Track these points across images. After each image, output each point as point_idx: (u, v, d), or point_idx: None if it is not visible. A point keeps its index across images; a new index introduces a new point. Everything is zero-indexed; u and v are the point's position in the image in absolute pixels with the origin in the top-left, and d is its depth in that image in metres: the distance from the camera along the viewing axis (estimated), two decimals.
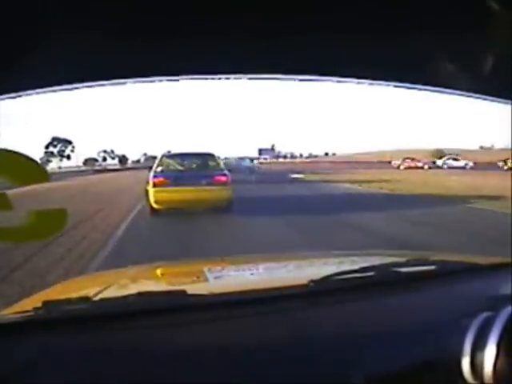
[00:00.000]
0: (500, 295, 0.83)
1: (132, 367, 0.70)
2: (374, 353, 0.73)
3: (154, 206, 7.26)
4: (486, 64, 0.62)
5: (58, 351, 0.72)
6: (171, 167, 8.11)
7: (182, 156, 8.62)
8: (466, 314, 0.69)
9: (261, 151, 26.92)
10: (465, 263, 1.22)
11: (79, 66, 0.57)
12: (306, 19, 0.53)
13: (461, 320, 0.68)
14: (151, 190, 7.26)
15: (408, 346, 0.74)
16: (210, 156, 8.58)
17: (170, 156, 8.50)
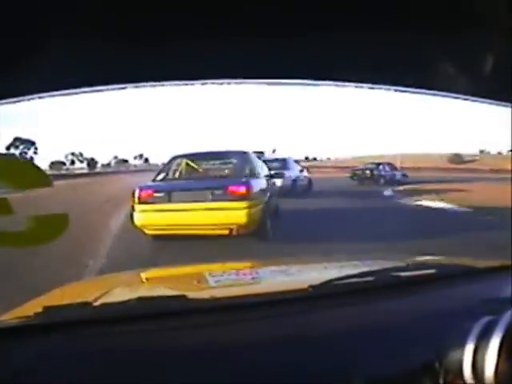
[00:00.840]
0: (501, 298, 0.82)
1: (132, 372, 0.70)
2: (374, 356, 0.73)
3: (145, 230, 4.87)
4: (485, 67, 0.62)
5: (57, 356, 0.72)
6: (177, 174, 5.74)
7: (198, 157, 5.91)
8: (467, 317, 0.69)
9: None
10: (465, 267, 1.22)
11: (75, 72, 0.57)
12: (305, 23, 0.54)
13: (462, 323, 0.68)
14: (135, 207, 4.90)
15: (409, 350, 0.74)
16: (238, 156, 5.74)
17: (182, 157, 5.83)
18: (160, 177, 5.54)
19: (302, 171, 10.22)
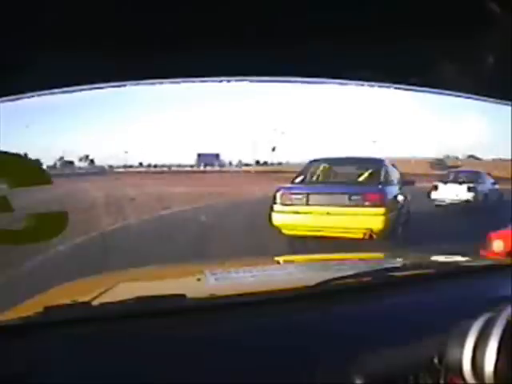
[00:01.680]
0: (501, 296, 0.83)
1: (132, 370, 0.70)
2: (374, 354, 0.73)
3: (283, 230, 5.06)
4: (486, 65, 0.62)
5: (57, 354, 0.72)
6: (314, 177, 5.89)
7: (335, 162, 6.16)
8: (466, 315, 0.69)
9: (200, 157, 19.90)
10: (464, 264, 1.23)
11: (75, 70, 0.57)
12: (309, 23, 0.54)
13: (461, 321, 0.68)
14: (275, 207, 5.13)
15: (408, 348, 0.74)
16: (374, 162, 5.90)
17: (320, 161, 6.09)
18: (298, 179, 5.72)
19: (494, 184, 9.40)
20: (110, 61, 0.56)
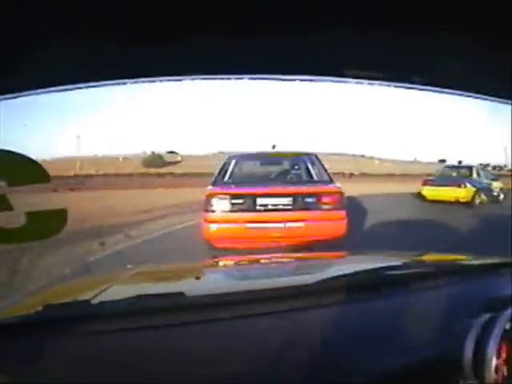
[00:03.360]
0: (501, 296, 0.83)
1: (131, 368, 0.70)
2: (374, 354, 0.73)
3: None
4: (486, 64, 0.62)
5: (57, 353, 0.72)
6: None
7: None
8: (466, 314, 0.69)
9: None
10: (465, 263, 1.22)
11: (78, 66, 0.57)
12: (310, 20, 0.53)
13: (462, 321, 0.68)
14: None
15: (409, 347, 0.74)
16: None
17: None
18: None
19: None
20: (100, 59, 0.56)
